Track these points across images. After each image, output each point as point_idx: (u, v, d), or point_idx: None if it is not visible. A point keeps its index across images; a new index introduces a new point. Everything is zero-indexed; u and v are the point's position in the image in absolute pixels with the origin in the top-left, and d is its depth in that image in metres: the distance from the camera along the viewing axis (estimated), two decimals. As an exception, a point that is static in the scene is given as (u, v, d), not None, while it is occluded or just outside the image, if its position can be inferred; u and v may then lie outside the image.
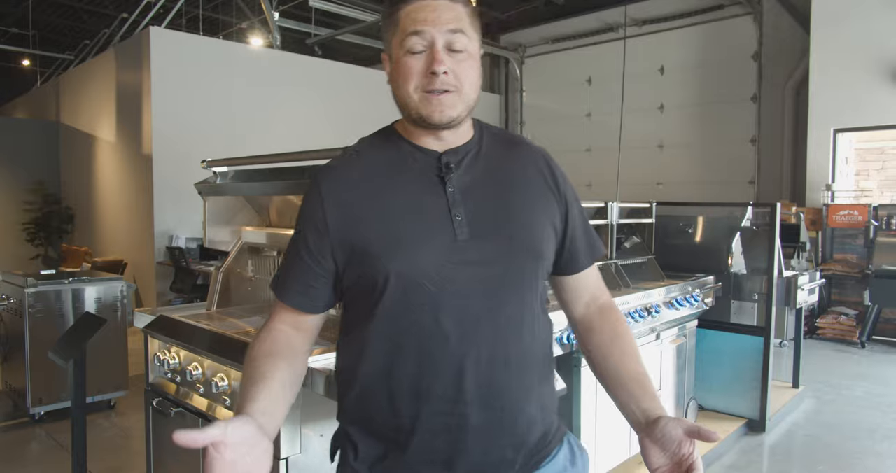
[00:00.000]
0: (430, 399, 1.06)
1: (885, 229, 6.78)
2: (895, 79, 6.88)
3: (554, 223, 1.16)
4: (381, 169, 1.13)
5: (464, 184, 1.10)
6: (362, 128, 6.34)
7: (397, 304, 1.06)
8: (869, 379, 5.38)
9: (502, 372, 1.07)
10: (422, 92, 1.07)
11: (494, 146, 1.17)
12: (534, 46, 11.28)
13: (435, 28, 1.04)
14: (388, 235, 1.06)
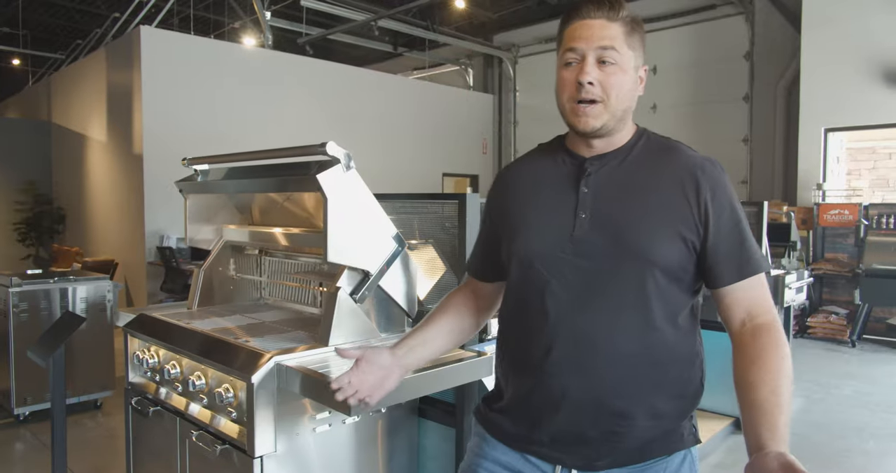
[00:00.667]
0: (524, 366, 1.25)
1: (875, 228, 6.79)
2: (885, 78, 6.89)
3: (682, 233, 1.17)
4: (538, 169, 1.33)
5: (598, 187, 1.23)
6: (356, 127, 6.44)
7: (518, 280, 1.28)
8: (858, 378, 5.39)
9: (590, 360, 1.18)
10: (572, 102, 1.20)
11: (644, 154, 1.25)
12: (527, 46, 11.28)
13: (587, 44, 1.17)
14: (519, 223, 1.28)
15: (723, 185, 1.21)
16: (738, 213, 1.21)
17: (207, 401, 2.09)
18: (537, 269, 1.23)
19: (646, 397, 1.19)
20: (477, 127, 11.56)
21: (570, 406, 1.20)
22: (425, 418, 2.46)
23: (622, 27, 1.19)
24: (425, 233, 3.58)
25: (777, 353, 1.12)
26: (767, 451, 0.99)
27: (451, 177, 11.20)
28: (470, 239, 2.27)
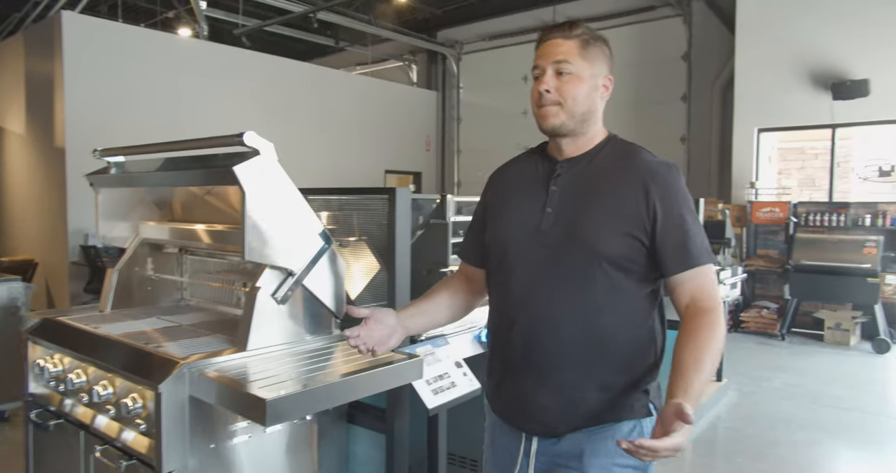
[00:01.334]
0: (496, 338, 1.50)
1: (804, 226, 7.03)
2: (814, 81, 7.14)
3: (632, 231, 1.33)
4: (520, 170, 1.53)
5: (565, 186, 1.41)
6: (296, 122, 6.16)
7: (494, 264, 1.49)
8: (787, 370, 5.55)
9: (545, 337, 1.36)
10: (536, 108, 1.41)
11: (607, 159, 1.42)
12: (471, 43, 11.24)
13: (546, 60, 1.38)
14: (500, 216, 1.49)
15: (673, 187, 1.35)
16: (685, 213, 1.34)
17: (115, 413, 1.92)
18: (508, 256, 1.44)
19: (593, 371, 1.35)
20: (420, 124, 11.46)
21: (531, 379, 1.39)
22: (355, 424, 2.35)
23: (576, 42, 1.38)
24: (363, 230, 3.46)
25: (708, 332, 1.27)
26: (673, 401, 1.12)
27: (394, 174, 11.07)
28: (401, 235, 2.18)
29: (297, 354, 2.03)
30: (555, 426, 1.39)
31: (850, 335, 6.52)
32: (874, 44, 6.77)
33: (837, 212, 6.87)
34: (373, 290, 2.92)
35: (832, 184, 7.27)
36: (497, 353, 1.50)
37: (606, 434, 1.37)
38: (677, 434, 1.07)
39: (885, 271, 6.38)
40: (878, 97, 6.69)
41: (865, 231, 6.66)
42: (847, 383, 5.21)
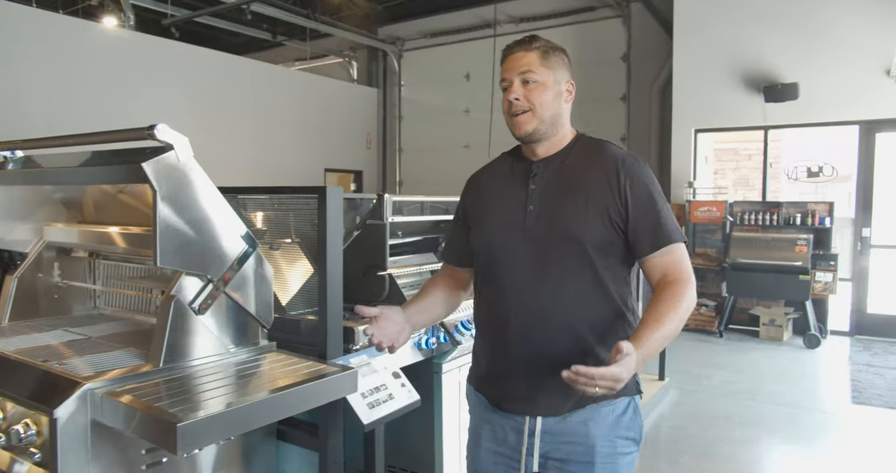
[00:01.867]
0: (491, 332, 1.57)
1: (739, 224, 7.19)
2: (748, 84, 7.31)
3: (610, 217, 1.45)
4: (497, 173, 1.64)
5: (543, 185, 1.53)
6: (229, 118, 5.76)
7: (483, 264, 1.59)
8: (725, 367, 5.64)
9: (544, 326, 1.46)
10: (509, 116, 1.54)
11: (579, 156, 1.55)
12: (412, 40, 11.09)
13: (511, 73, 1.52)
14: (484, 216, 1.59)
15: (640, 175, 1.48)
16: (655, 197, 1.48)
17: (5, 441, 1.69)
18: (497, 254, 1.54)
19: (590, 351, 1.45)
20: (361, 121, 11.24)
21: (531, 365, 1.49)
22: (286, 441, 2.18)
23: (537, 53, 1.52)
24: (298, 231, 3.26)
25: (672, 298, 1.40)
26: (618, 343, 1.24)
27: (333, 172, 10.81)
28: (332, 237, 2.01)
29: (219, 369, 1.85)
30: (559, 406, 1.49)
31: (783, 331, 6.70)
32: (804, 48, 6.99)
33: (770, 211, 7.05)
34: (306, 295, 2.74)
35: (765, 184, 7.48)
36: (493, 345, 1.58)
37: (607, 411, 1.50)
38: (614, 366, 1.21)
39: (815, 268, 6.58)
40: (806, 100, 6.90)
41: (797, 230, 6.86)
42: (781, 378, 5.32)
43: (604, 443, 1.49)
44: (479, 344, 1.68)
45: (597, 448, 1.49)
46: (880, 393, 4.84)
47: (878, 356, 6.04)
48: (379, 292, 2.81)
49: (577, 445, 1.49)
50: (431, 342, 2.56)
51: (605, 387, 1.22)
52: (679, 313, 1.39)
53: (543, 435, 1.51)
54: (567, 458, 1.50)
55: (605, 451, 1.49)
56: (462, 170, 8.73)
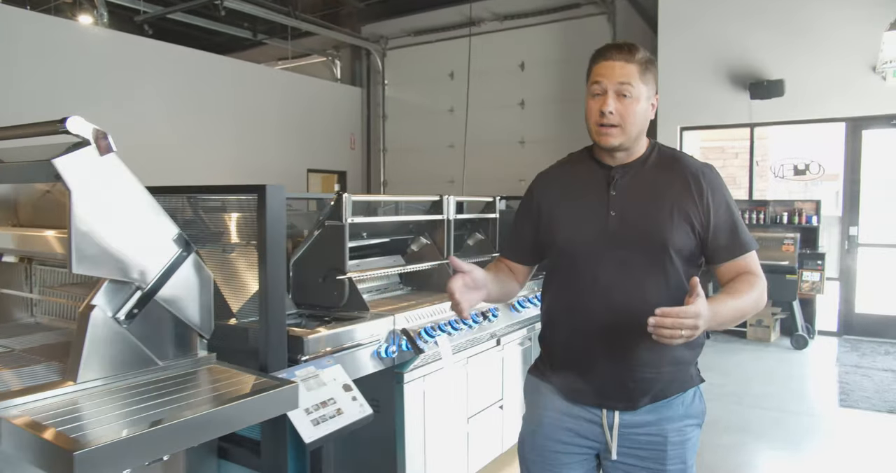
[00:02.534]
0: (573, 334, 1.60)
1: (725, 223, 7.06)
2: (733, 81, 7.20)
3: (692, 223, 1.52)
4: (572, 175, 1.66)
5: (623, 190, 1.56)
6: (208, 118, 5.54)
7: (563, 266, 1.62)
8: (712, 369, 5.51)
9: (627, 327, 1.48)
10: (597, 125, 1.52)
11: (657, 164, 1.59)
12: (396, 38, 10.92)
13: (608, 81, 1.49)
14: (562, 220, 1.61)
15: (720, 186, 1.56)
16: (732, 208, 1.56)
17: None
18: (580, 258, 1.58)
19: (666, 351, 1.50)
20: (345, 121, 11.06)
21: (612, 363, 1.54)
22: (227, 459, 2.02)
23: (637, 67, 1.51)
24: (255, 233, 3.09)
25: (749, 284, 1.51)
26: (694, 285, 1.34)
27: (317, 173, 10.64)
28: (273, 238, 1.86)
29: (145, 385, 1.69)
30: (636, 400, 1.57)
31: (771, 331, 6.59)
32: (789, 45, 6.88)
33: (757, 209, 6.94)
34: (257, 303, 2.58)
35: (752, 183, 7.36)
36: (572, 343, 1.63)
37: (677, 403, 1.59)
38: (691, 305, 1.30)
39: (803, 268, 6.47)
40: (792, 97, 6.79)
41: (783, 228, 6.75)
42: (768, 380, 5.20)
43: (674, 433, 1.59)
44: (553, 339, 1.70)
45: (669, 437, 1.59)
46: (868, 396, 4.72)
47: (866, 357, 5.93)
48: (338, 297, 2.65)
49: (651, 436, 1.59)
50: (391, 350, 2.41)
51: (688, 329, 1.29)
52: (753, 295, 1.50)
53: (621, 428, 1.59)
54: (641, 446, 1.59)
55: (676, 439, 1.59)
56: (447, 170, 8.62)
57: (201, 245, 2.39)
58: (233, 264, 2.60)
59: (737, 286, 1.52)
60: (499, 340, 3.16)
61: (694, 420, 1.63)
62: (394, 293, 3.18)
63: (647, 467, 1.60)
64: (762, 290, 1.53)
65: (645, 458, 1.60)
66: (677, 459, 1.59)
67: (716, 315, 1.39)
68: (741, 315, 1.49)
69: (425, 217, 3.18)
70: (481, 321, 2.88)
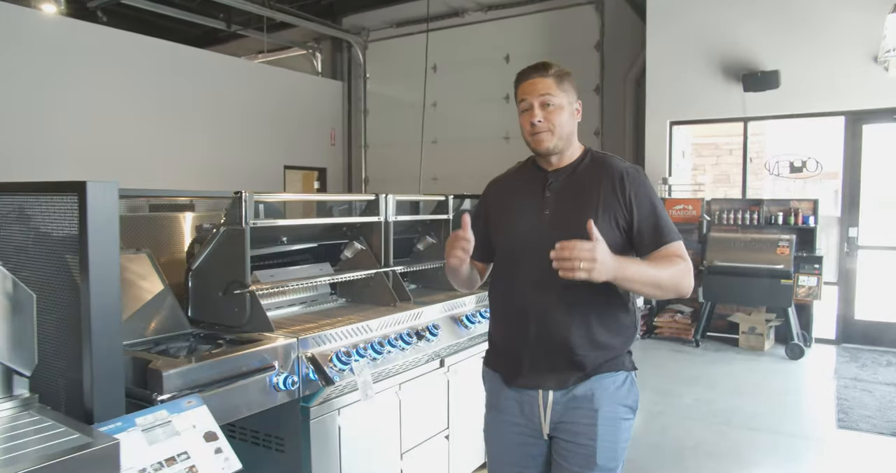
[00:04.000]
0: (508, 321, 1.81)
1: (717, 224, 6.66)
2: (725, 72, 6.77)
3: (617, 220, 1.69)
4: (515, 180, 1.90)
5: (556, 192, 1.77)
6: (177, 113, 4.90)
7: (502, 259, 1.87)
8: (699, 382, 5.10)
9: (557, 315, 1.71)
10: (530, 135, 1.76)
11: (588, 167, 1.78)
12: (377, 30, 10.49)
13: (532, 96, 1.73)
14: (504, 219, 1.85)
15: (642, 184, 1.72)
16: (655, 204, 1.71)
17: None
18: (517, 252, 1.78)
19: (593, 335, 1.71)
20: (325, 116, 10.63)
21: (543, 347, 1.73)
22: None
23: (553, 79, 1.73)
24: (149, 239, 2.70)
25: (671, 262, 1.65)
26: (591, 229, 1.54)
27: (294, 170, 10.21)
28: (98, 248, 1.43)
29: None
30: (565, 380, 1.72)
31: (764, 339, 6.17)
32: (784, 34, 6.45)
33: (750, 209, 6.51)
34: (147, 317, 2.16)
35: (745, 181, 6.93)
36: (508, 331, 1.81)
37: (608, 383, 1.72)
38: (588, 242, 1.49)
39: (798, 272, 6.05)
40: (788, 89, 6.36)
41: (779, 229, 6.33)
42: (760, 396, 4.78)
43: (607, 409, 1.71)
44: (495, 329, 1.88)
45: (600, 412, 1.71)
46: (869, 415, 4.30)
47: (867, 368, 5.51)
48: (239, 315, 2.23)
49: (584, 410, 1.71)
50: (291, 381, 1.99)
51: (586, 261, 1.46)
52: (669, 270, 1.62)
53: (554, 406, 1.73)
54: (576, 421, 1.72)
55: (608, 416, 1.71)
56: (428, 166, 8.12)
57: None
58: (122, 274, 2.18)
59: (656, 259, 1.66)
60: (443, 361, 2.74)
61: (625, 402, 1.75)
62: (323, 306, 2.77)
63: (580, 443, 1.72)
64: (683, 271, 1.65)
65: (578, 434, 1.72)
66: (608, 437, 1.71)
67: (622, 266, 1.54)
68: (652, 281, 1.60)
69: (355, 220, 2.77)
70: (414, 341, 2.46)
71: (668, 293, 1.67)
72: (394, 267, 2.86)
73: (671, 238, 1.68)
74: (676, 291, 1.65)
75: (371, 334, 2.37)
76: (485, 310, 2.94)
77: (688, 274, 1.64)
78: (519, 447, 1.80)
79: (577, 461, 1.71)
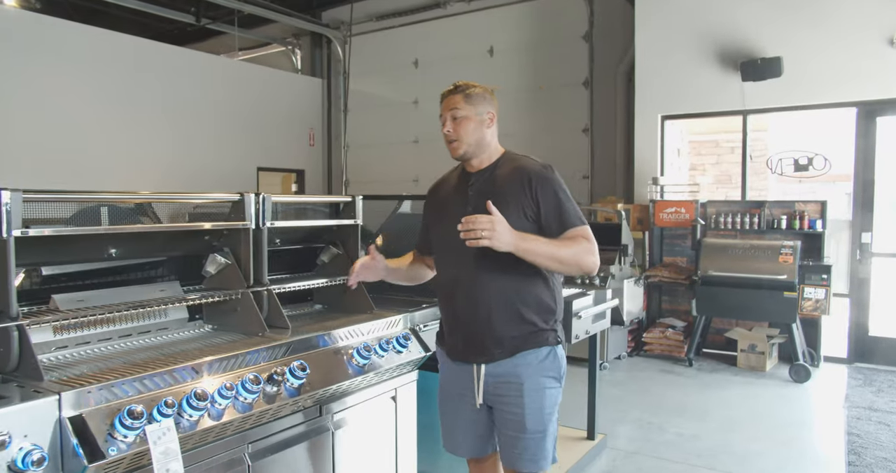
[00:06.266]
0: (444, 303, 2.14)
1: (713, 228, 5.99)
2: (722, 61, 6.12)
3: (526, 212, 1.97)
4: (447, 181, 2.23)
5: (479, 190, 2.05)
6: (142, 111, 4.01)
7: (438, 250, 2.18)
8: (686, 412, 4.43)
9: (480, 297, 2.00)
10: (447, 143, 2.08)
11: (503, 168, 2.06)
12: (358, 24, 9.91)
13: (444, 111, 2.08)
14: (438, 214, 2.18)
15: (548, 180, 1.99)
16: (559, 196, 1.98)
17: None
18: (446, 242, 2.05)
19: (516, 313, 1.99)
20: (303, 115, 10.06)
21: (472, 326, 2.03)
22: None
23: (461, 95, 2.05)
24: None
25: (574, 242, 1.94)
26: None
27: (269, 171, 9.64)
28: None
29: None
30: (494, 354, 2.01)
31: (766, 358, 5.49)
32: (787, 16, 5.79)
33: (750, 212, 5.84)
34: None
35: (745, 181, 6.25)
36: (446, 312, 2.14)
37: (531, 358, 2.01)
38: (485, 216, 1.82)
39: (804, 283, 5.37)
40: (791, 78, 5.70)
41: (782, 235, 5.66)
42: (757, 430, 4.11)
43: (531, 381, 2.00)
44: (440, 311, 2.19)
45: (525, 384, 2.00)
46: (885, 457, 3.62)
47: (883, 393, 4.82)
48: (4, 358, 1.63)
49: (511, 383, 2.00)
50: (32, 460, 1.38)
51: (486, 230, 1.79)
52: (572, 248, 1.93)
53: (487, 377, 2.02)
54: (505, 393, 2.01)
55: (533, 387, 2.00)
56: (410, 167, 7.49)
57: None
58: None
59: (561, 238, 1.96)
60: (321, 408, 2.13)
61: (549, 374, 2.03)
62: (173, 337, 2.16)
63: (510, 411, 2.02)
64: (585, 250, 1.94)
65: (508, 403, 2.02)
66: (534, 405, 2.00)
67: (522, 237, 1.86)
68: (552, 255, 1.90)
69: (214, 225, 2.17)
70: (262, 388, 1.84)
71: (571, 268, 1.96)
72: (268, 286, 2.25)
73: (573, 223, 1.97)
74: (579, 267, 1.95)
75: (205, 379, 1.76)
76: (385, 340, 2.33)
77: (589, 253, 1.94)
78: (465, 414, 2.10)
79: (510, 426, 2.02)
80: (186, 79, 8.60)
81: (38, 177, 6.77)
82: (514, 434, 1.99)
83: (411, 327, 2.53)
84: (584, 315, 3.15)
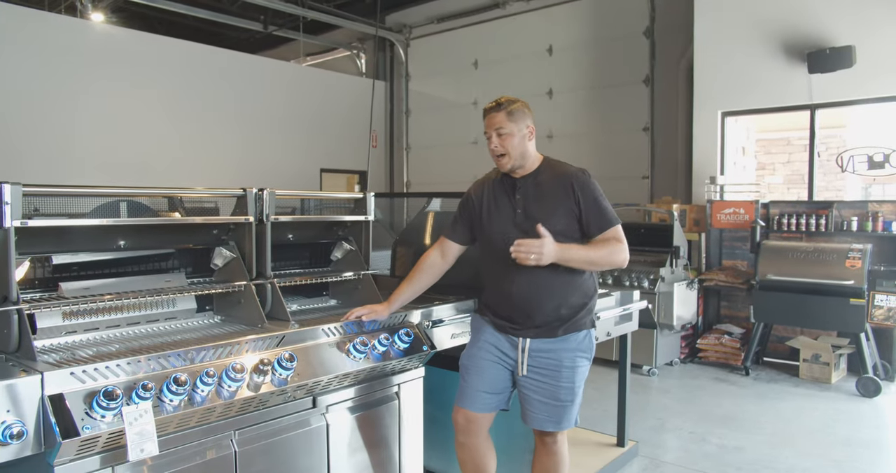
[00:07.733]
0: (497, 291, 2.40)
1: (776, 230, 5.67)
2: (787, 52, 5.79)
3: (572, 212, 2.29)
4: (494, 184, 2.43)
5: (525, 194, 2.34)
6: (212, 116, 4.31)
7: (486, 249, 2.44)
8: (734, 423, 4.21)
9: (533, 285, 2.29)
10: (494, 157, 2.35)
11: (546, 174, 2.35)
12: (420, 26, 10.04)
13: (490, 128, 2.33)
14: (486, 216, 2.41)
15: (587, 184, 2.29)
16: (598, 199, 2.29)
17: None
18: (498, 243, 2.32)
19: (565, 299, 2.32)
20: (366, 117, 10.25)
21: (525, 308, 2.32)
22: None
23: (504, 113, 2.29)
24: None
25: (606, 244, 2.27)
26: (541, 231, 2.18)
27: (331, 173, 9.90)
28: None
29: None
30: (540, 333, 2.33)
31: (832, 370, 5.13)
32: (858, 0, 5.41)
33: (817, 213, 5.49)
34: None
35: (812, 180, 5.88)
36: (499, 299, 2.39)
37: (572, 339, 2.34)
38: (538, 239, 2.14)
39: (874, 289, 4.99)
40: (864, 68, 5.32)
41: (852, 237, 5.29)
42: (809, 445, 3.85)
43: (568, 360, 2.33)
44: (486, 295, 2.47)
45: (563, 362, 2.33)
46: (948, 479, 3.31)
47: (962, 411, 4.41)
48: (6, 340, 1.76)
49: (550, 359, 2.33)
50: (12, 433, 1.48)
51: (535, 254, 2.12)
52: (604, 250, 2.26)
53: (531, 351, 2.34)
54: (543, 367, 2.33)
55: (569, 365, 2.33)
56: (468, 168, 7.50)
57: None
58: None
59: (596, 242, 2.29)
60: (315, 400, 2.16)
61: (584, 354, 2.37)
62: (178, 325, 2.26)
63: (545, 382, 2.34)
64: (617, 249, 2.27)
65: (545, 375, 2.34)
66: (568, 380, 2.33)
67: (564, 251, 2.18)
68: (587, 260, 2.25)
69: (218, 219, 2.25)
70: (245, 377, 1.89)
71: (603, 267, 2.34)
72: (271, 279, 2.32)
73: (609, 223, 2.28)
74: (610, 264, 2.30)
75: (196, 364, 1.84)
76: (385, 336, 2.34)
77: (620, 252, 2.26)
78: (490, 375, 2.38)
79: (543, 393, 2.33)
80: (256, 84, 8.99)
81: (113, 180, 7.26)
82: (546, 401, 2.32)
83: (416, 324, 2.54)
84: (605, 316, 3.05)
